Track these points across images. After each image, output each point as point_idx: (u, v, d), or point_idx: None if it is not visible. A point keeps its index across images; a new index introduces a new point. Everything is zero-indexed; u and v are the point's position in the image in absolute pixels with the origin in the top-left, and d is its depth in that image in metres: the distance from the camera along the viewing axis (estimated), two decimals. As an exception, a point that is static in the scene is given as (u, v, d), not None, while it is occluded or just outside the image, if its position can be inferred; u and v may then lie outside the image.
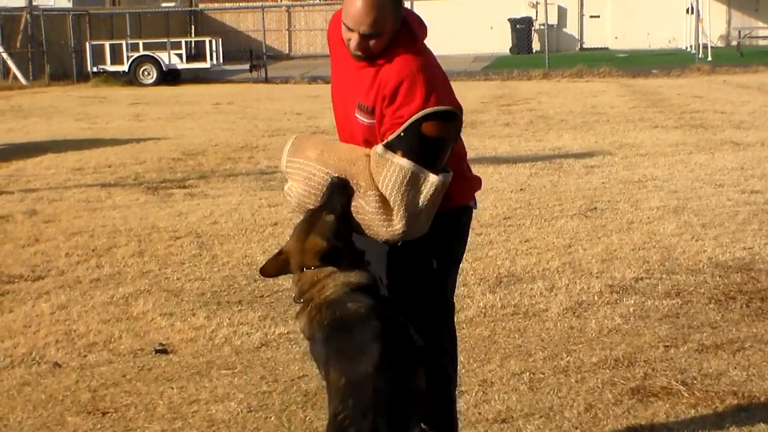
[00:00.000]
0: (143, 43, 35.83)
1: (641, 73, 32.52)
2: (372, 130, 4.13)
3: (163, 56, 34.69)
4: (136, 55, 34.70)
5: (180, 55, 35.45)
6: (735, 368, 6.12)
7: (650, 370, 6.08)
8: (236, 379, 6.15)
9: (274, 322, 7.21)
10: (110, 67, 35.17)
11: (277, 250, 4.20)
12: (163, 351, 6.68)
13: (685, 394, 5.71)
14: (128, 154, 16.20)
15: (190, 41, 39.78)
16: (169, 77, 34.37)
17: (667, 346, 6.53)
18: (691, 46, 40.24)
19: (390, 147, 4.01)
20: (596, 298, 7.61)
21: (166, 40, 36.05)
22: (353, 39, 4.02)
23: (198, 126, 20.60)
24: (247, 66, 35.98)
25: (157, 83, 33.91)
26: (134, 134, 19.15)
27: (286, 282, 8.19)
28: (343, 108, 4.28)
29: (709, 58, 36.02)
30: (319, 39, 50.31)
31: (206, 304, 7.70)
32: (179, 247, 9.53)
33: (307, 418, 5.53)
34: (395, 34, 4.05)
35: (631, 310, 7.27)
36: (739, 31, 43.70)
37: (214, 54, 36.07)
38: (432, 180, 4.00)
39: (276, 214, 10.96)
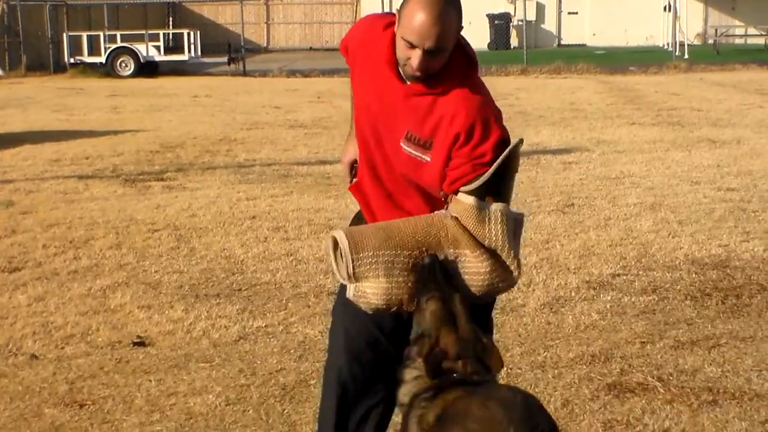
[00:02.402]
0: (121, 35, 35.66)
1: (619, 69, 32.62)
2: (418, 164, 3.77)
3: (141, 48, 34.57)
4: (113, 46, 34.55)
5: (158, 47, 35.33)
6: (710, 364, 6.16)
7: (626, 366, 6.12)
8: (214, 372, 6.15)
9: (252, 316, 7.21)
10: (88, 59, 35.05)
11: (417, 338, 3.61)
12: (140, 343, 6.67)
13: (661, 390, 5.75)
14: (106, 146, 16.14)
15: (169, 33, 39.62)
16: (147, 69, 34.24)
17: (644, 342, 6.57)
18: (668, 44, 40.37)
19: (479, 194, 3.64)
20: (573, 293, 7.64)
21: (144, 32, 35.95)
22: (415, 57, 3.63)
23: (176, 118, 20.54)
24: (225, 59, 35.88)
25: (134, 75, 33.77)
26: (112, 126, 19.08)
27: (264, 275, 8.22)
28: (380, 134, 3.89)
29: (686, 56, 36.14)
30: (297, 32, 50.29)
31: (184, 296, 7.69)
32: (157, 239, 9.51)
33: (285, 412, 5.54)
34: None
35: (607, 306, 7.31)
36: (716, 29, 43.87)
37: (193, 46, 35.97)
38: (520, 218, 3.74)
39: (254, 208, 10.96)
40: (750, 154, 14.51)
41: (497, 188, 3.68)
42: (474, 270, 3.61)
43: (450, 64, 3.70)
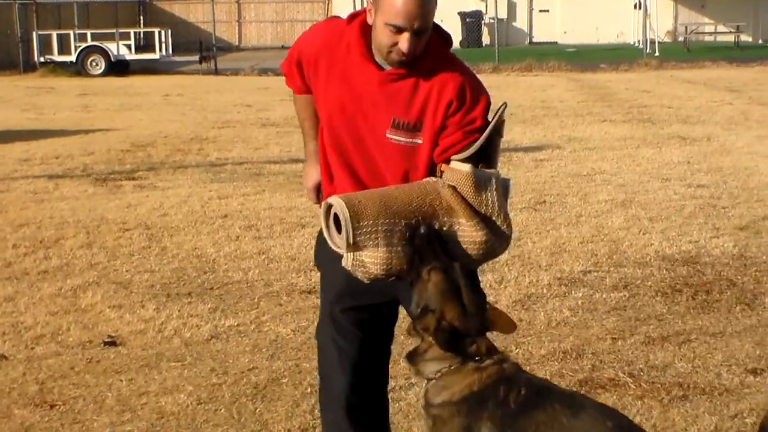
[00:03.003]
0: (91, 33, 35.47)
1: (590, 67, 32.74)
2: (409, 150, 3.76)
3: (111, 47, 34.41)
4: (84, 45, 34.38)
5: (129, 46, 35.18)
6: (681, 360, 6.20)
7: (598, 362, 6.14)
8: (186, 371, 6.13)
9: (224, 314, 7.19)
10: (58, 57, 34.84)
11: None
12: (111, 343, 6.64)
13: (632, 386, 5.77)
14: (76, 146, 16.07)
15: (139, 32, 39.42)
16: (118, 68, 34.08)
17: (615, 338, 6.59)
18: (638, 42, 40.54)
19: (471, 161, 3.67)
20: (545, 290, 7.66)
21: (114, 30, 35.76)
22: (403, 40, 3.61)
23: (147, 117, 20.47)
24: (196, 57, 35.78)
25: (105, 74, 33.60)
26: (82, 125, 18.99)
27: (236, 274, 8.20)
28: (359, 133, 3.82)
29: (657, 54, 36.32)
30: (268, 31, 50.20)
31: (156, 296, 7.67)
32: (128, 239, 9.47)
33: (257, 410, 5.53)
34: None
35: (579, 302, 7.33)
36: (686, 27, 44.08)
37: (164, 45, 35.84)
38: (508, 183, 3.76)
39: (226, 206, 10.93)
40: (720, 150, 14.60)
41: (487, 154, 3.73)
42: (469, 238, 3.63)
43: (428, 43, 3.72)
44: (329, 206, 3.63)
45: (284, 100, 23.81)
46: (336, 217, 3.62)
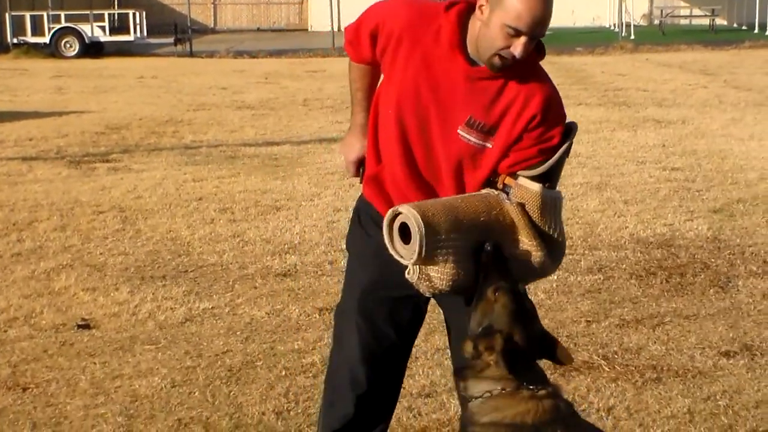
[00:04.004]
0: (65, 15, 35.25)
1: (566, 50, 32.72)
2: (476, 151, 3.61)
3: (85, 28, 34.21)
4: (57, 26, 34.17)
5: (103, 28, 34.99)
6: (654, 342, 6.22)
7: (572, 345, 6.15)
8: (160, 354, 6.11)
9: (198, 297, 7.18)
10: (31, 39, 34.60)
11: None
12: (85, 326, 6.61)
13: (606, 368, 5.79)
14: (50, 128, 15.97)
15: (114, 13, 39.13)
16: (92, 50, 33.90)
17: (589, 321, 6.61)
18: (614, 25, 40.61)
19: (542, 179, 3.58)
20: (520, 273, 7.66)
21: (89, 11, 35.50)
22: (519, 45, 3.46)
23: (122, 100, 20.36)
24: (171, 39, 35.60)
25: (79, 56, 33.43)
26: (56, 107, 18.87)
27: (210, 257, 8.18)
28: (429, 121, 3.65)
29: (632, 37, 36.40)
30: (244, 13, 50.02)
31: (130, 279, 7.64)
32: (102, 221, 9.43)
33: (231, 393, 5.52)
34: None
35: (554, 285, 7.34)
36: (662, 10, 44.16)
37: (138, 27, 35.67)
38: (562, 202, 3.68)
39: (200, 189, 10.89)
40: (694, 133, 14.64)
41: (554, 174, 3.64)
42: (527, 257, 3.54)
43: None
44: (397, 214, 3.48)
45: (259, 83, 23.76)
46: (402, 225, 3.47)
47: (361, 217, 3.94)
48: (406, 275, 3.50)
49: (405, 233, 3.46)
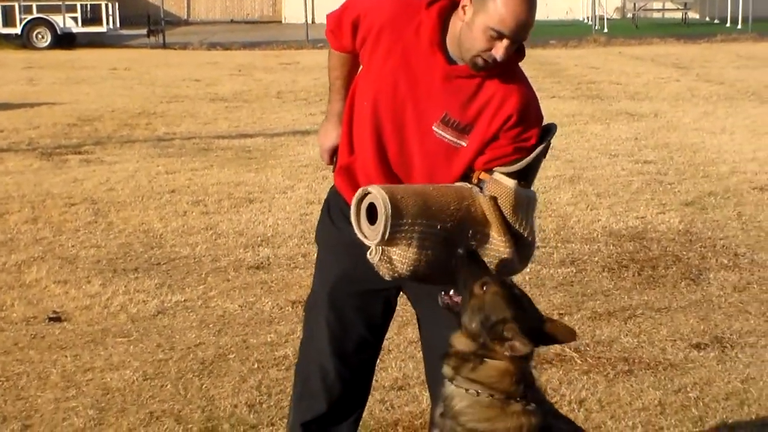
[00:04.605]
0: (37, 5, 34.92)
1: (539, 43, 32.74)
2: (450, 149, 3.63)
3: (57, 19, 33.97)
4: (29, 17, 33.91)
5: (75, 19, 34.74)
6: (626, 335, 6.25)
7: (544, 337, 6.16)
8: (132, 347, 6.09)
9: (170, 290, 7.16)
10: (2, 30, 34.26)
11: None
12: (56, 319, 6.58)
13: (578, 361, 5.81)
14: (21, 119, 15.87)
15: (86, 4, 38.70)
16: (64, 41, 33.66)
17: (562, 313, 6.63)
18: (587, 18, 40.69)
19: (517, 177, 3.60)
20: (492, 266, 7.67)
21: (60, 2, 35.18)
22: (501, 48, 3.47)
23: (94, 91, 20.25)
24: (144, 31, 35.40)
25: (51, 47, 33.18)
26: (28, 99, 18.74)
27: (183, 249, 8.15)
28: (403, 117, 3.65)
29: (606, 30, 36.47)
30: (218, 4, 49.77)
31: (102, 271, 7.61)
32: (74, 213, 9.38)
33: (203, 386, 5.51)
34: None
35: (526, 278, 7.35)
36: (635, 4, 44.22)
37: (111, 18, 35.44)
38: (536, 203, 3.73)
39: (173, 182, 10.85)
40: (667, 127, 14.70)
41: (529, 173, 3.66)
42: (495, 252, 3.56)
43: None
44: (365, 194, 3.50)
45: (233, 75, 23.69)
46: (370, 206, 3.49)
47: (331, 210, 3.94)
48: (368, 256, 3.52)
49: (372, 214, 3.48)
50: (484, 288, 3.32)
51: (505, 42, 3.46)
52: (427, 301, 3.68)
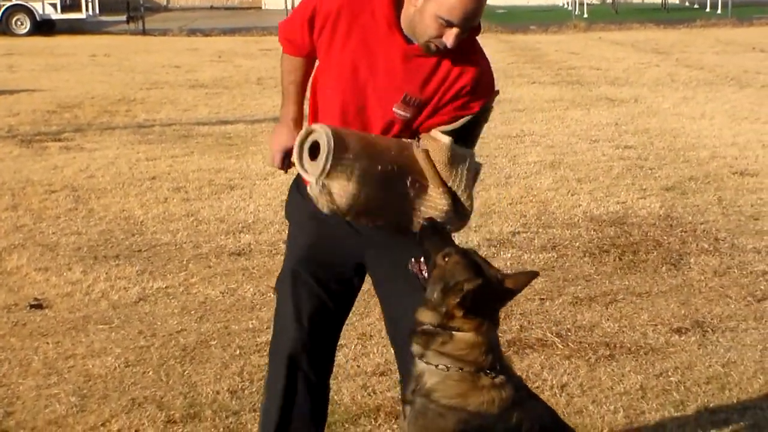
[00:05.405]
0: (16, -8, 34.79)
1: (519, 29, 32.81)
2: (404, 124, 3.72)
3: (36, 6, 33.75)
4: (7, 4, 33.63)
5: (54, 5, 34.49)
6: (607, 320, 6.27)
7: (526, 323, 6.19)
8: (113, 333, 6.08)
9: (152, 277, 7.14)
10: (-19, 17, 34.12)
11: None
12: (37, 306, 6.57)
13: (560, 346, 5.83)
14: (1, 106, 15.78)
15: (65, -9, 38.77)
16: (44, 28, 33.45)
17: (543, 298, 6.65)
18: (567, 3, 40.71)
19: (456, 137, 3.68)
20: (474, 251, 7.68)
21: (40, -11, 35.09)
22: (451, 35, 3.52)
23: (74, 78, 20.16)
24: (124, 17, 35.26)
25: (30, 33, 32.96)
26: (7, 86, 18.64)
27: (164, 236, 8.14)
28: (365, 100, 3.72)
29: (586, 15, 36.53)
30: (198, -10, 49.57)
31: (83, 258, 7.59)
32: (54, 201, 9.35)
33: (185, 373, 5.50)
34: None
35: (508, 263, 7.37)
36: (615, -11, 44.34)
37: (90, 4, 35.22)
38: (479, 169, 3.83)
39: (154, 168, 10.82)
40: (647, 112, 14.73)
41: (469, 136, 3.76)
42: (432, 205, 3.66)
43: None
44: (310, 132, 3.61)
45: (213, 62, 23.62)
46: (312, 145, 3.60)
47: (299, 185, 3.98)
48: (308, 190, 3.62)
49: (316, 153, 3.59)
50: (446, 259, 3.43)
51: (454, 30, 3.51)
52: (391, 281, 3.82)
